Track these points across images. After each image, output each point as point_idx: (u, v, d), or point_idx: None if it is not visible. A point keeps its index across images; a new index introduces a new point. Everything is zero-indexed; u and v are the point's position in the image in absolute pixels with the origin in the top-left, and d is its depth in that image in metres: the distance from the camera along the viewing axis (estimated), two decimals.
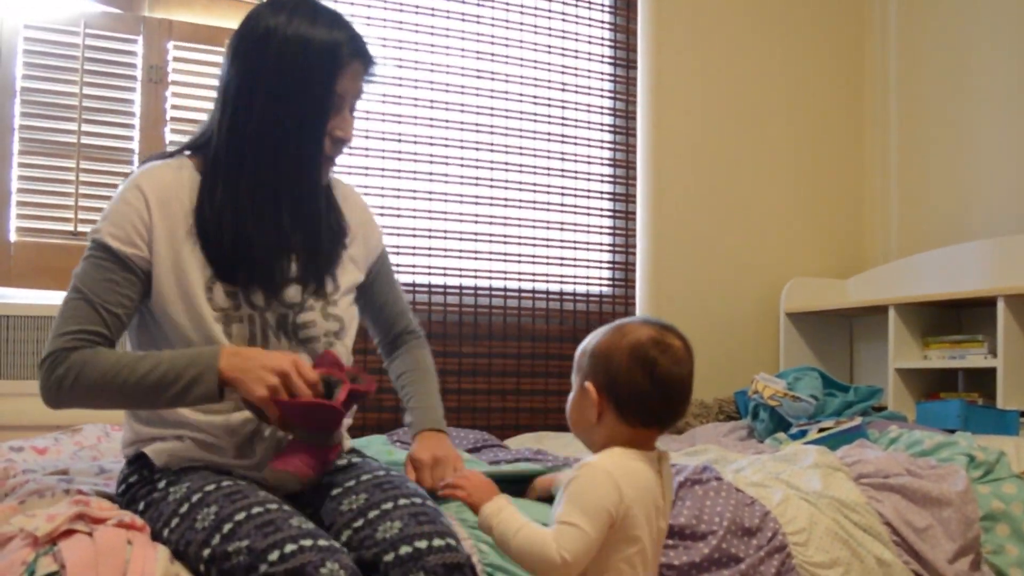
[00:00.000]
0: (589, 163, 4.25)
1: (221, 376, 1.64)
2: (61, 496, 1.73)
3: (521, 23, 4.13)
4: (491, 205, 4.04)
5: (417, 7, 3.93)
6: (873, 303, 4.05)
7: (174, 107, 3.51)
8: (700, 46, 4.48)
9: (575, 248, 4.20)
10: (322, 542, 1.53)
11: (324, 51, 1.78)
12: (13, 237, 3.29)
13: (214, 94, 1.87)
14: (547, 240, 4.15)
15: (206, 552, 1.55)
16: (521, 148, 4.11)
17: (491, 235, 4.03)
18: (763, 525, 2.27)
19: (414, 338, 2.23)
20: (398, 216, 3.86)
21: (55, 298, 3.31)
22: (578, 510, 1.53)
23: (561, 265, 4.17)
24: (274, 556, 1.49)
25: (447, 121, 3.97)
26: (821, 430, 3.31)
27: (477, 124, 4.03)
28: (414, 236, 3.88)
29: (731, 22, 4.55)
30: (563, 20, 4.22)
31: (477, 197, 4.01)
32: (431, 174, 3.92)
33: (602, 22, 4.31)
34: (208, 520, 1.59)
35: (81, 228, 3.35)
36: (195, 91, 3.54)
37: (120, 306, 1.73)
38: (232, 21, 3.61)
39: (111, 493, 1.85)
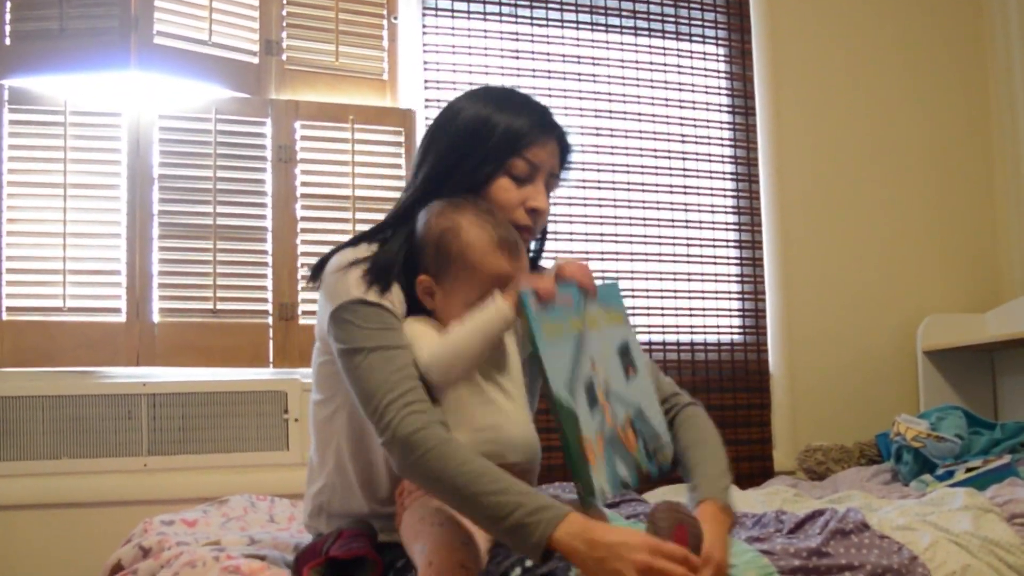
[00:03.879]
0: (713, 211, 4.24)
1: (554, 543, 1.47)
2: (212, 564, 1.78)
3: (637, 79, 4.16)
4: (616, 260, 4.05)
5: (534, 71, 3.99)
6: (1014, 336, 3.91)
7: (304, 184, 3.61)
8: (818, 86, 4.44)
9: (703, 298, 4.18)
10: (558, 560, 1.52)
11: (520, 115, 1.89)
12: (156, 318, 3.41)
13: (342, 169, 1.93)
14: (675, 291, 4.13)
15: None
16: (644, 201, 4.12)
17: (620, 293, 4.03)
18: (911, 570, 2.21)
19: (687, 404, 2.07)
20: None
21: (197, 375, 3.43)
22: None
23: (690, 315, 4.15)
24: (516, 572, 1.49)
25: (569, 179, 3.99)
26: (969, 470, 3.23)
27: (599, 180, 4.06)
28: None
29: (848, 59, 4.51)
30: (679, 72, 4.23)
31: (603, 252, 4.03)
32: (556, 233, 3.95)
33: (718, 71, 4.31)
34: None
35: (220, 306, 3.46)
36: (323, 167, 3.64)
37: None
38: (355, 98, 3.72)
39: (263, 554, 1.90)
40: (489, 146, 1.84)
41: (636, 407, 1.47)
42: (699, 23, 4.27)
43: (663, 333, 4.10)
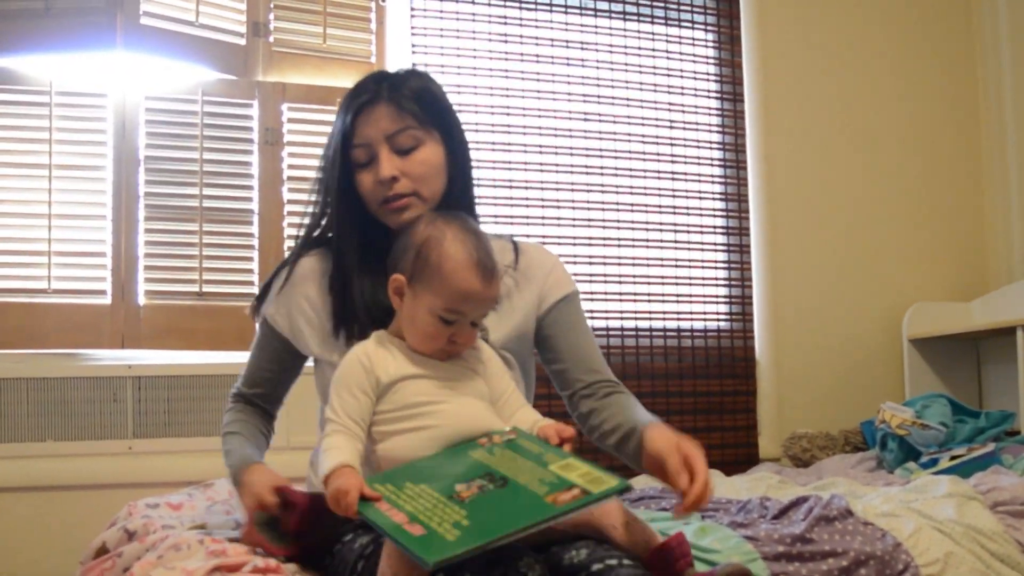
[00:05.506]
0: (700, 198, 4.23)
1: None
2: (197, 547, 1.78)
3: (626, 64, 4.15)
4: (604, 246, 4.05)
5: (522, 54, 3.98)
6: (1000, 325, 3.93)
7: (291, 167, 3.60)
8: (806, 74, 4.44)
9: (690, 284, 4.18)
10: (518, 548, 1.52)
11: (340, 111, 1.93)
12: (142, 301, 3.40)
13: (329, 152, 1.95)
14: (661, 277, 4.14)
15: None
16: (632, 188, 4.11)
17: (605, 276, 4.04)
18: (894, 557, 2.22)
19: (613, 388, 1.98)
20: None
21: (184, 358, 3.42)
22: None
23: (677, 302, 4.15)
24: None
25: (556, 165, 4.00)
26: (953, 458, 3.24)
27: (586, 166, 4.05)
28: None
29: (837, 48, 4.51)
30: (667, 58, 4.22)
31: (590, 239, 4.03)
32: (543, 218, 3.95)
33: (707, 58, 4.31)
34: None
35: (206, 289, 3.45)
36: (310, 150, 3.63)
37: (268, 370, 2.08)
38: (343, 81, 3.70)
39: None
40: (331, 152, 1.92)
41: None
42: (688, 8, 4.26)
43: (649, 319, 4.10)
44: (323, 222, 1.98)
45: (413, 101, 1.90)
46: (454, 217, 1.76)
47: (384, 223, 1.91)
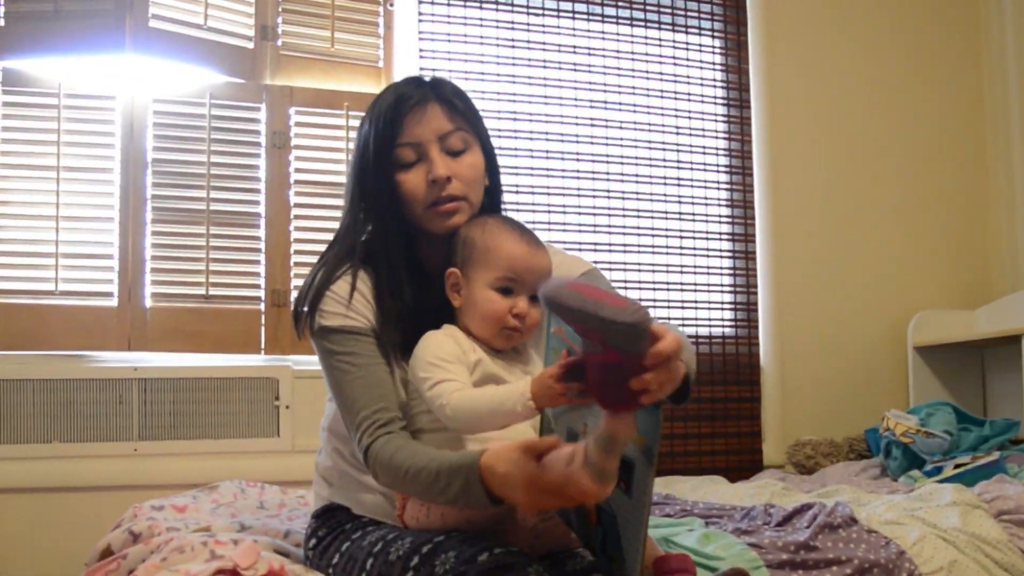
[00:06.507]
0: (707, 204, 4.23)
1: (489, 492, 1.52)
2: (200, 550, 1.78)
3: (632, 69, 4.15)
4: (609, 251, 4.05)
5: (529, 60, 3.98)
6: (1005, 333, 3.92)
7: (298, 170, 3.61)
8: (813, 80, 4.44)
9: (695, 290, 4.18)
10: (526, 555, 1.54)
11: (382, 111, 1.83)
12: (149, 303, 3.40)
13: (336, 156, 1.90)
14: (667, 283, 4.14)
15: (409, 574, 1.56)
16: (637, 193, 4.12)
17: (610, 281, 4.03)
18: (898, 565, 2.22)
19: None
20: None
21: (190, 361, 3.42)
22: None
23: (682, 308, 4.15)
24: (483, 556, 1.49)
25: (563, 170, 4.01)
26: (957, 466, 3.24)
27: (593, 172, 4.05)
28: None
29: (843, 55, 4.50)
30: (674, 64, 4.22)
31: (596, 244, 4.02)
32: (548, 223, 3.95)
33: (713, 64, 4.31)
34: (404, 548, 1.60)
35: (213, 291, 3.46)
36: (317, 154, 3.64)
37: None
38: (350, 85, 3.71)
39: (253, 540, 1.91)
40: (372, 152, 1.82)
41: (616, 514, 1.50)
42: (695, 15, 4.27)
43: None
44: (366, 230, 1.87)
45: (460, 102, 1.86)
46: (497, 214, 1.85)
47: (426, 228, 1.84)
